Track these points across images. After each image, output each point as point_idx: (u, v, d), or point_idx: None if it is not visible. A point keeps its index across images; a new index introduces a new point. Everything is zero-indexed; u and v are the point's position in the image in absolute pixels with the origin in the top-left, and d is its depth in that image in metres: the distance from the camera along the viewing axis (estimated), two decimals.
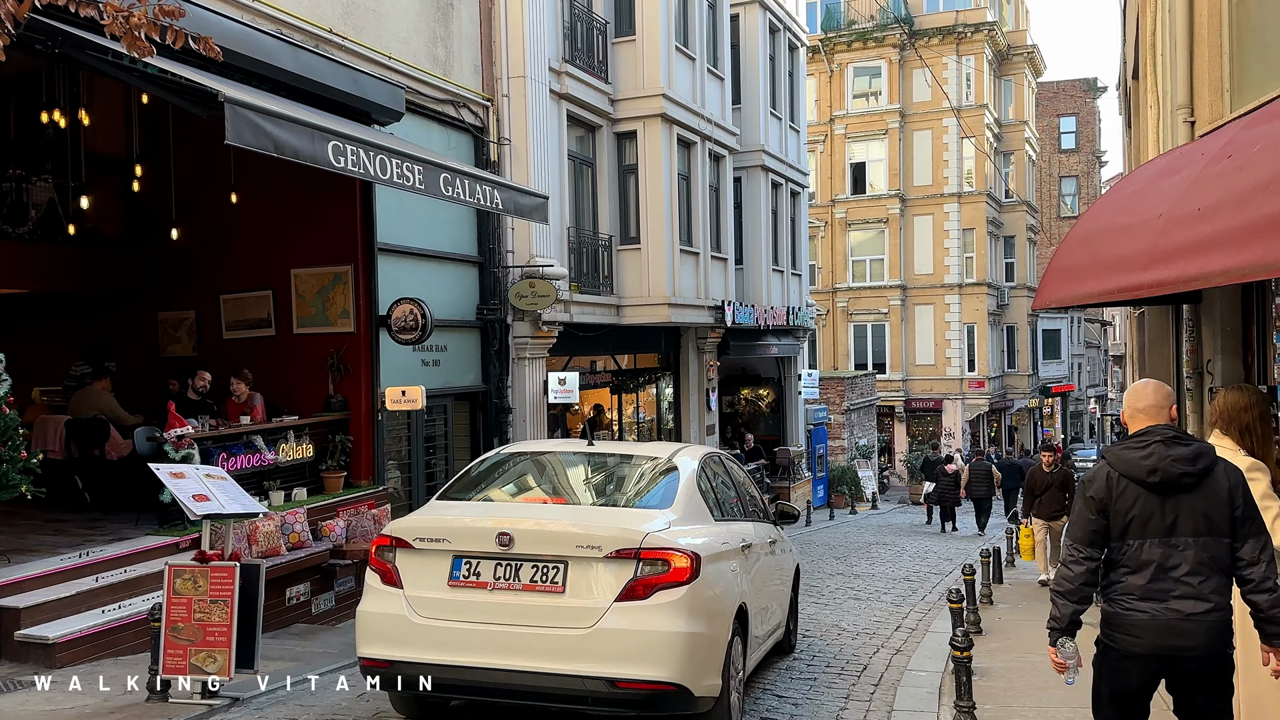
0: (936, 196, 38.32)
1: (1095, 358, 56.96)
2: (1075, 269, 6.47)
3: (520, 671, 4.88)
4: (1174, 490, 3.64)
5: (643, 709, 4.94)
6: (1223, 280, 3.86)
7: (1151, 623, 3.62)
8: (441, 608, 5.03)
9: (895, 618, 10.33)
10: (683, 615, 4.91)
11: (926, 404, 38.10)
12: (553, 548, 5.02)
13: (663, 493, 5.71)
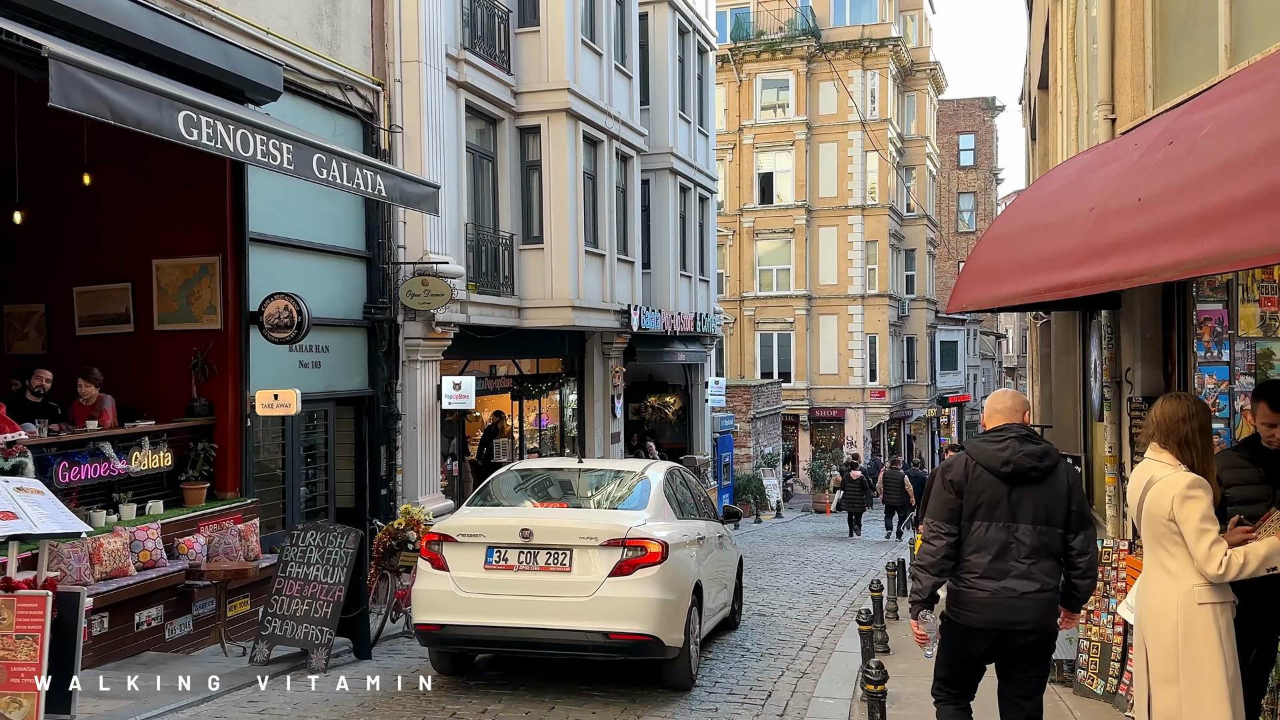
0: (841, 208, 38.66)
1: (990, 369, 58.48)
2: (994, 270, 6.10)
3: (540, 629, 6.75)
4: (1021, 481, 4.18)
5: (628, 653, 6.88)
6: (1173, 275, 3.45)
7: (990, 600, 4.15)
8: (480, 585, 6.83)
9: (800, 635, 9.90)
10: (657, 586, 6.76)
11: (830, 413, 38.33)
12: (561, 539, 6.87)
13: (639, 497, 7.62)
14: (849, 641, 9.16)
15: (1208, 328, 6.60)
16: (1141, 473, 4.08)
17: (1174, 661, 3.86)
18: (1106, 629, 6.57)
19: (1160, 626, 3.94)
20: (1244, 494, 4.28)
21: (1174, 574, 3.90)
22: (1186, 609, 3.84)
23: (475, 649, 7.38)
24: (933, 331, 45.32)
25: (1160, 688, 3.94)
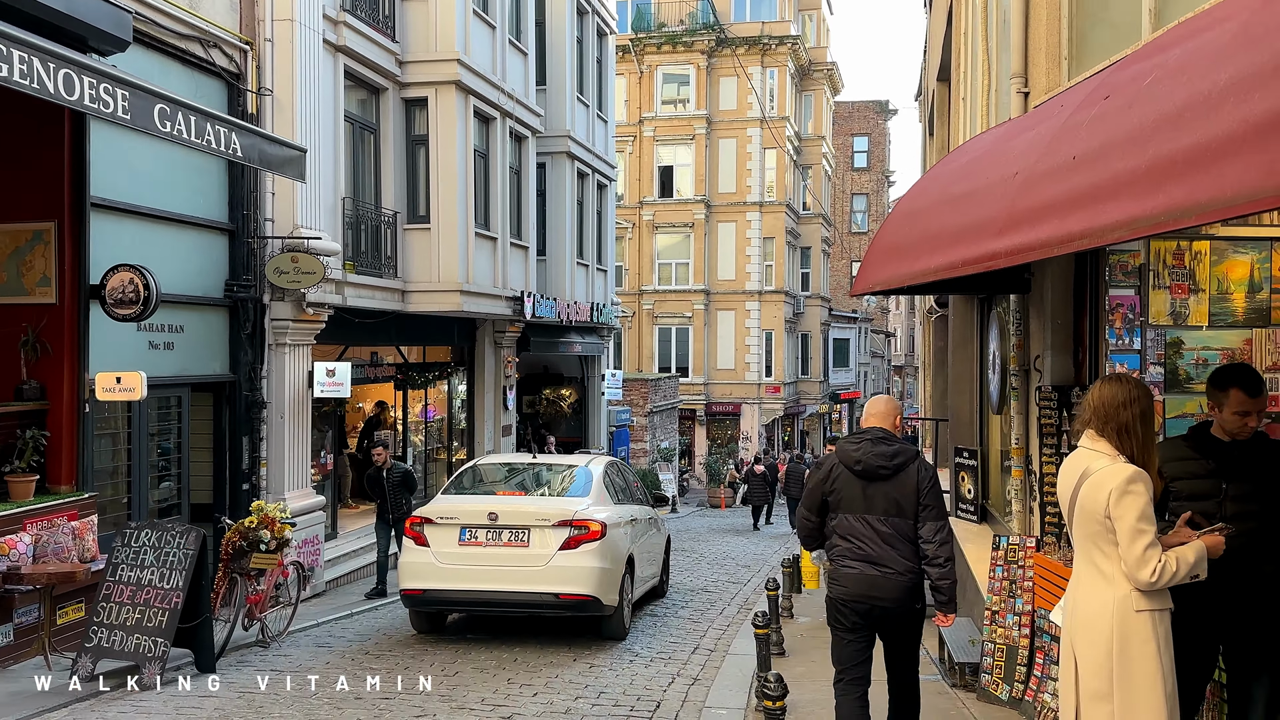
0: (740, 204, 38.61)
1: (880, 366, 59.66)
2: (905, 246, 5.68)
3: (504, 591, 8.41)
4: (873, 478, 4.67)
5: (574, 610, 8.49)
6: (1123, 235, 3.01)
7: (857, 577, 4.67)
8: (455, 557, 8.45)
9: (693, 636, 9.41)
10: (597, 558, 8.41)
11: (726, 408, 38.26)
12: (521, 520, 8.49)
13: (583, 486, 9.23)
14: (743, 643, 8.71)
15: (1120, 314, 6.33)
16: (1074, 463, 3.66)
17: (1107, 675, 3.45)
18: (1012, 631, 6.24)
19: (1093, 636, 3.53)
20: (1190, 489, 3.91)
21: (1109, 578, 3.49)
22: (1122, 617, 3.43)
23: (450, 609, 9.19)
24: (826, 329, 45.82)
25: (1091, 705, 3.52)
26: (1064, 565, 5.82)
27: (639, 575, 9.68)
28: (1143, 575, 3.35)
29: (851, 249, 55.10)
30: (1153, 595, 3.41)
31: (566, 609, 8.48)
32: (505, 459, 11.24)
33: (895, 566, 4.63)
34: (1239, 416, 3.80)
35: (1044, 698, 5.76)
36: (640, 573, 9.76)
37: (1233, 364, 4.02)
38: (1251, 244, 6.42)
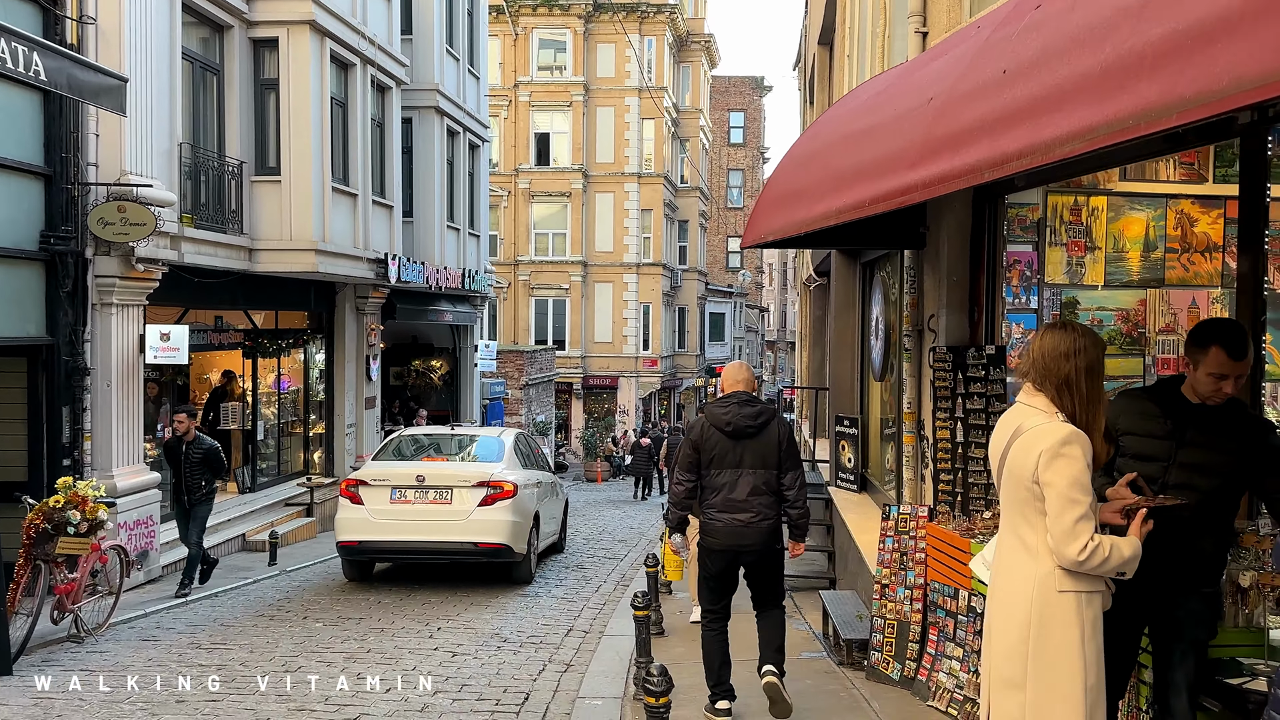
0: (618, 175, 38.00)
1: (754, 341, 60.34)
2: (799, 192, 5.18)
3: (431, 541, 9.84)
4: (742, 436, 5.16)
5: (490, 557, 9.92)
6: (1077, 147, 2.52)
7: (725, 528, 5.15)
8: (387, 514, 9.79)
9: (566, 618, 8.84)
10: (509, 513, 9.80)
11: (604, 381, 37.79)
12: (445, 481, 9.92)
13: (497, 452, 10.65)
14: (620, 624, 8.19)
15: (1017, 271, 6.02)
16: (1008, 420, 3.21)
17: (1021, 661, 3.03)
18: (903, 605, 5.89)
19: (1009, 616, 3.10)
20: (1140, 447, 3.51)
21: (1033, 551, 3.06)
22: (1043, 597, 3.00)
23: (383, 558, 10.55)
24: (703, 303, 45.85)
25: (1002, 693, 3.10)
26: (959, 535, 5.49)
27: (543, 530, 11.30)
28: (1069, 551, 2.93)
29: (728, 224, 55.32)
30: (1080, 575, 3.00)
31: (483, 556, 9.96)
32: (427, 430, 12.84)
33: (759, 515, 5.18)
34: (1214, 379, 3.36)
35: (939, 677, 5.43)
36: (544, 529, 11.32)
37: (1218, 319, 3.62)
38: (1148, 200, 6.21)
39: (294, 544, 13.69)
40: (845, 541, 8.78)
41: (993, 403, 5.72)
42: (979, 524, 5.46)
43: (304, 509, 14.62)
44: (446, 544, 9.83)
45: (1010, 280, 5.93)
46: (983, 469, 5.74)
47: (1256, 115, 3.66)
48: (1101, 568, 2.95)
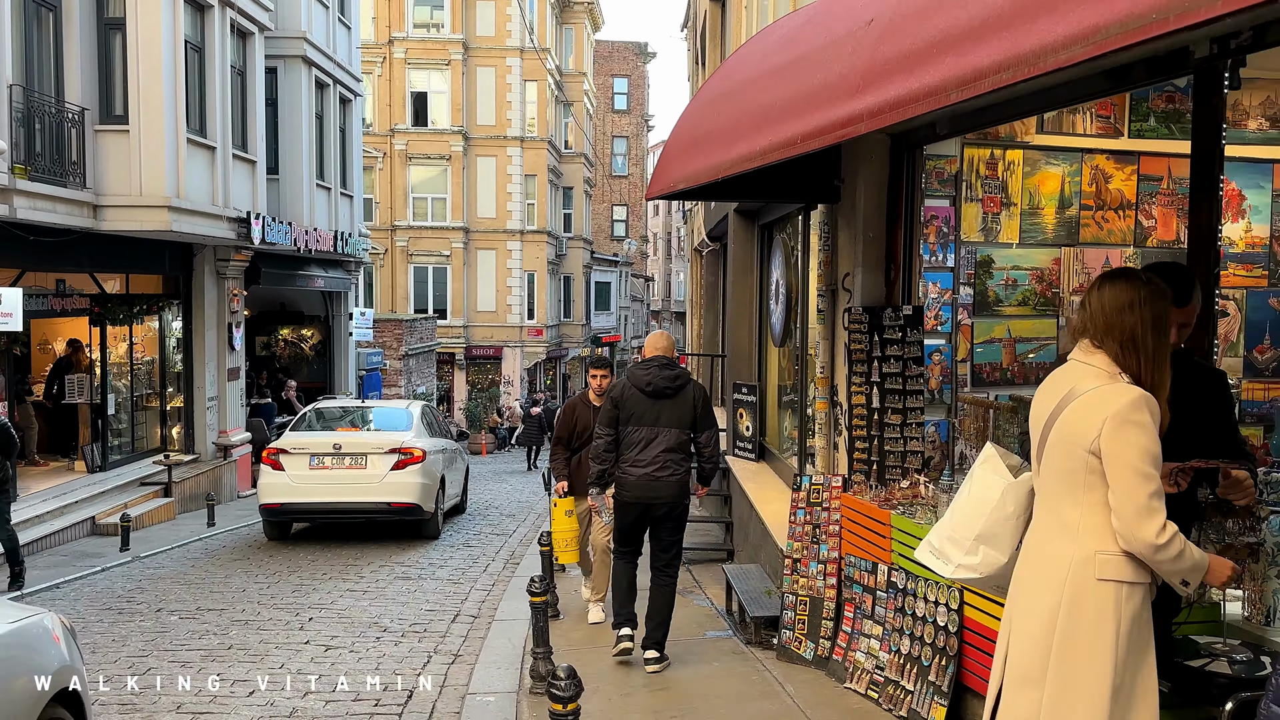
0: (500, 138, 36.90)
1: (639, 310, 60.18)
2: (714, 134, 4.71)
3: (349, 501, 10.93)
4: (660, 397, 5.55)
5: (402, 515, 11.00)
6: (1084, 51, 2.10)
7: (638, 482, 5.54)
8: (307, 479, 10.86)
9: (452, 601, 8.26)
10: (419, 475, 10.94)
11: (487, 351, 36.86)
12: (360, 449, 10.99)
13: (406, 422, 11.74)
14: (511, 606, 7.68)
15: (934, 227, 5.71)
16: (1058, 380, 2.79)
17: (1042, 654, 2.63)
18: (817, 581, 5.56)
19: (1034, 603, 2.69)
20: None
21: (1072, 531, 2.65)
22: (1077, 583, 2.60)
23: (305, 518, 11.44)
24: (588, 272, 45.26)
25: (1016, 691, 2.70)
26: (876, 506, 5.17)
27: (448, 492, 12.28)
28: (1145, 532, 2.50)
29: (613, 192, 54.77)
30: (1130, 562, 2.58)
31: (396, 514, 11.00)
32: (340, 403, 13.82)
33: (671, 470, 5.59)
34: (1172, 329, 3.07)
35: (856, 656, 5.11)
36: (449, 490, 12.35)
37: (1158, 264, 3.27)
38: (1064, 155, 5.98)
39: (150, 526, 12.61)
40: (745, 512, 8.47)
41: (909, 366, 5.42)
42: (897, 494, 5.15)
43: (162, 489, 13.49)
44: (363, 504, 10.89)
45: (927, 237, 5.62)
46: (899, 435, 5.44)
47: (1216, 48, 3.37)
48: (1176, 563, 2.53)
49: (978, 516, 3.06)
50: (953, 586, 4.42)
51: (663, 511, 5.59)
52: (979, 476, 3.11)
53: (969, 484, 3.14)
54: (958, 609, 4.35)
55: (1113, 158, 5.98)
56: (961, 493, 3.15)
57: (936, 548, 3.14)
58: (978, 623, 4.24)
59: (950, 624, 4.39)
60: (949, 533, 3.12)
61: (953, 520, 3.12)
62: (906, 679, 4.63)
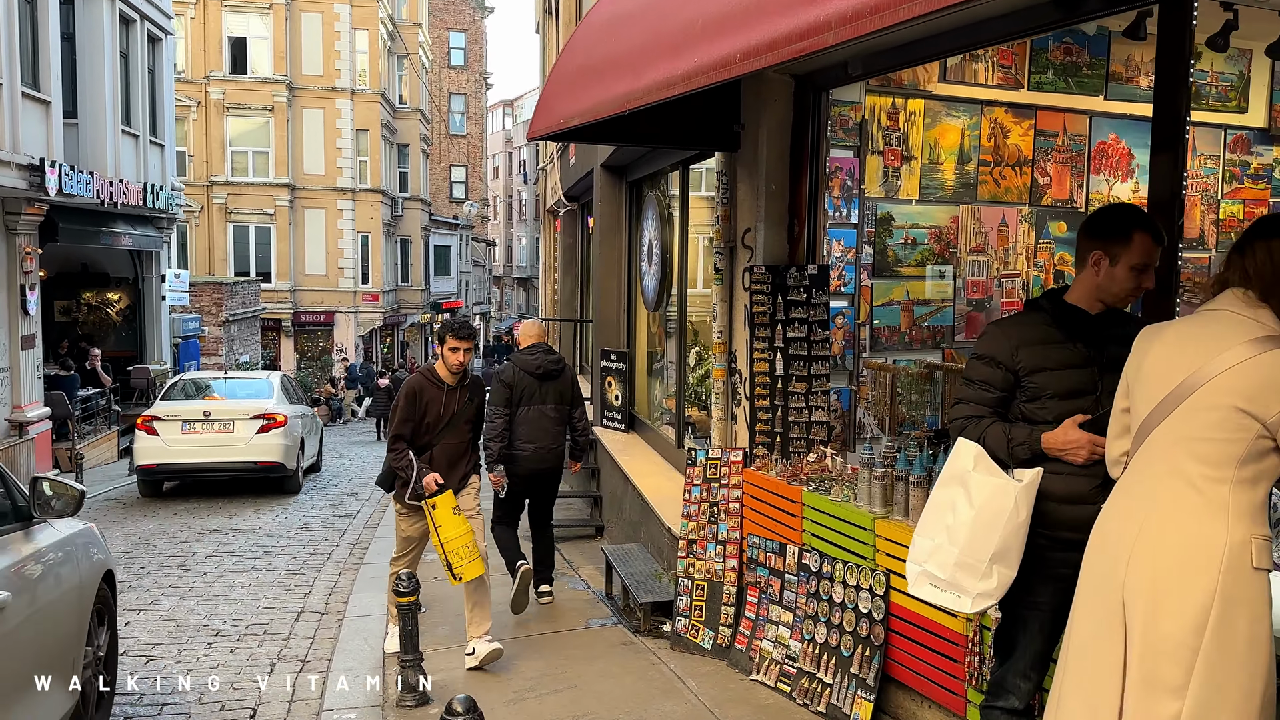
0: (328, 90, 34.71)
1: (481, 276, 58.66)
2: (611, 62, 4.09)
3: (219, 461, 12.17)
4: (547, 378, 6.21)
5: (267, 472, 12.40)
6: None
7: (531, 456, 6.16)
8: (179, 442, 12.04)
9: (295, 595, 7.41)
10: (281, 437, 12.32)
11: (318, 317, 34.86)
12: (228, 414, 12.29)
13: (268, 391, 13.37)
14: (364, 599, 6.92)
15: (838, 180, 5.31)
16: (1205, 331, 2.35)
17: (1188, 659, 2.17)
18: (715, 564, 5.12)
19: (1178, 598, 2.20)
20: (1061, 383, 2.79)
21: (1219, 510, 2.21)
22: (1234, 574, 2.17)
23: (179, 478, 12.52)
24: (427, 234, 43.54)
25: (1150, 700, 2.21)
26: (784, 482, 4.75)
27: (307, 452, 13.71)
28: None
29: (451, 152, 52.89)
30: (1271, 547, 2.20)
31: (262, 471, 12.31)
32: (206, 375, 15.34)
33: (556, 442, 6.23)
34: (1135, 273, 2.72)
35: (762, 645, 4.70)
36: (308, 450, 13.74)
37: (1116, 205, 2.93)
38: (964, 107, 5.70)
39: None
40: (618, 486, 7.97)
41: (815, 330, 5.01)
42: (805, 469, 4.75)
43: None
44: (232, 463, 12.16)
45: (831, 190, 5.21)
46: (804, 405, 5.03)
47: None
48: None
49: (991, 532, 2.64)
50: (877, 569, 4.05)
51: (547, 479, 6.32)
52: (978, 483, 2.68)
53: (965, 494, 2.70)
54: (884, 595, 3.98)
55: (1011, 111, 5.76)
56: (955, 506, 2.71)
57: (945, 579, 2.68)
58: (906, 609, 3.88)
59: (875, 611, 4.01)
60: (957, 558, 2.67)
61: (959, 542, 2.67)
62: (824, 671, 4.25)
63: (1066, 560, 2.76)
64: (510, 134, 65.48)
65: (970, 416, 2.89)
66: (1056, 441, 2.73)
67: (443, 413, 5.23)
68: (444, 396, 5.24)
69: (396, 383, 25.37)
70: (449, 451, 5.25)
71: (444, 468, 5.19)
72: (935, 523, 2.80)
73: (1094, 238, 2.79)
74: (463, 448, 5.30)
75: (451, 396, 5.24)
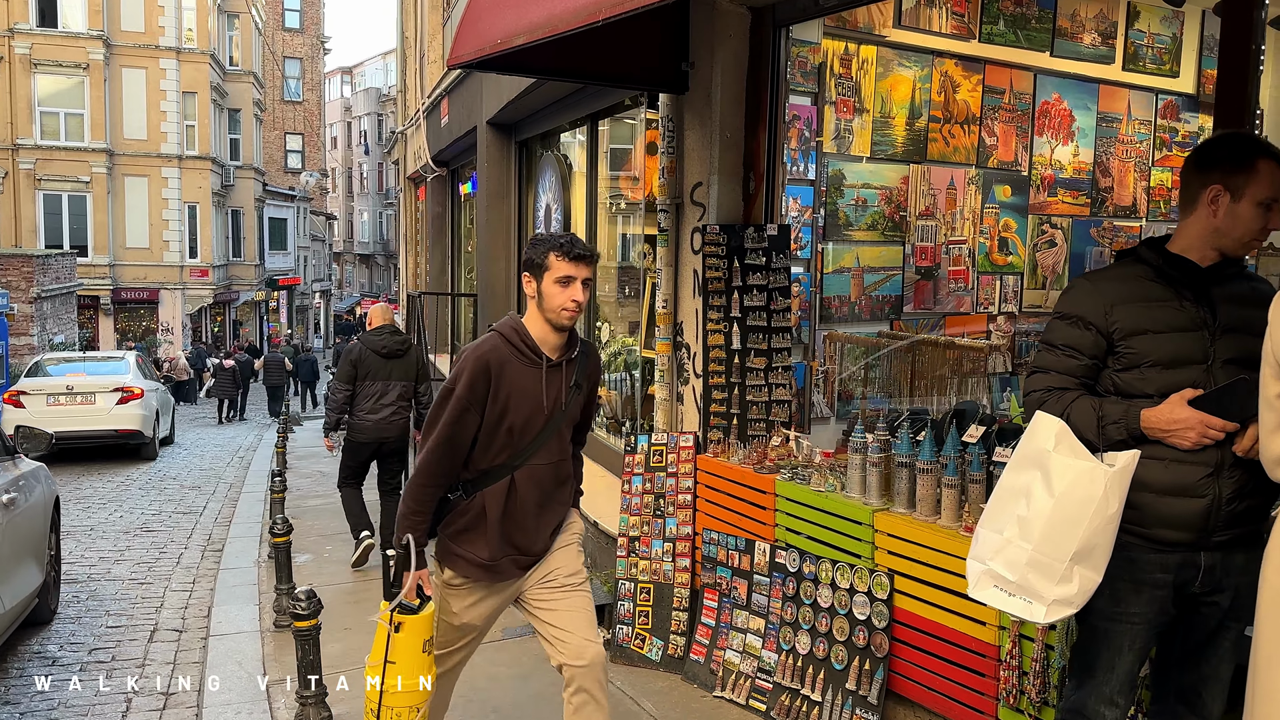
0: (151, 48, 31.92)
1: (321, 251, 55.80)
2: None
3: (84, 430, 13.09)
4: (392, 357, 6.73)
5: (127, 440, 13.49)
6: None
7: (374, 426, 6.69)
8: (46, 413, 12.81)
9: (144, 610, 6.35)
10: (140, 408, 13.63)
11: (140, 294, 32.13)
12: (90, 389, 13.44)
13: (125, 368, 14.66)
14: (230, 613, 5.98)
15: (795, 130, 4.77)
16: None
17: None
18: (663, 563, 4.52)
19: None
20: (1165, 350, 2.32)
21: None
22: None
23: None
24: (261, 206, 40.88)
25: None
26: (751, 470, 4.18)
27: (162, 421, 14.89)
28: None
29: (286, 119, 49.86)
30: None
31: (123, 439, 13.35)
32: (66, 355, 16.62)
33: (399, 416, 6.72)
34: (1262, 211, 2.27)
35: (727, 656, 4.13)
36: (163, 420, 14.99)
37: (1221, 134, 2.46)
38: (916, 57, 5.27)
39: None
40: None
41: (776, 298, 4.45)
42: (771, 454, 4.21)
43: None
44: (96, 431, 13.21)
45: (789, 141, 4.67)
46: (764, 383, 4.48)
47: None
48: None
49: (1074, 526, 2.13)
50: (877, 570, 3.54)
51: (391, 447, 6.81)
52: (1060, 467, 2.17)
53: (1042, 479, 2.18)
54: (886, 599, 3.48)
55: (961, 64, 5.38)
56: (1030, 494, 2.18)
57: (1014, 581, 2.16)
58: (916, 615, 3.39)
59: (876, 617, 3.51)
60: (1030, 556, 2.15)
61: (1033, 537, 2.15)
62: (810, 686, 3.72)
63: (1164, 564, 2.31)
64: (350, 102, 62.57)
65: (1051, 388, 2.39)
66: (1160, 420, 2.26)
67: (536, 410, 2.90)
68: (542, 378, 2.90)
69: (243, 365, 23.68)
70: (540, 482, 2.95)
71: (530, 512, 2.95)
72: (1004, 513, 2.28)
73: (1209, 169, 2.33)
74: (561, 472, 3.03)
75: (553, 379, 2.92)
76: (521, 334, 2.87)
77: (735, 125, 4.41)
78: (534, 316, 2.88)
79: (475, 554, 2.92)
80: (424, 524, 2.91)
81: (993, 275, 5.67)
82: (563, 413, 2.94)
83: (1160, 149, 6.15)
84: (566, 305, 2.82)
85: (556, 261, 2.82)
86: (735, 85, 4.38)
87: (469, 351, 2.89)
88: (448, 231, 12.27)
